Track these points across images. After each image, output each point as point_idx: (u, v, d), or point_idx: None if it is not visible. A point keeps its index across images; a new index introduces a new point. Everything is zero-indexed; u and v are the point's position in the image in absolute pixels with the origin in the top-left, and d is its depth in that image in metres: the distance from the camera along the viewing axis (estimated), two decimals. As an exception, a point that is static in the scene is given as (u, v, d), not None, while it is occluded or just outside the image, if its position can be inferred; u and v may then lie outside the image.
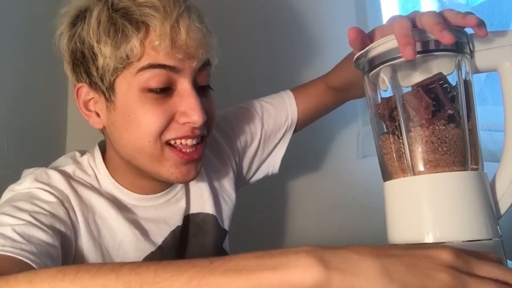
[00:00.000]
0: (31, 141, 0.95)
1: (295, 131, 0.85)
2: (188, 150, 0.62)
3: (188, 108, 0.60)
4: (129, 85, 0.59)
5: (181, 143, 0.61)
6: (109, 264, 0.37)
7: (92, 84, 0.62)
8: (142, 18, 0.58)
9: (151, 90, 0.59)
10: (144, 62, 0.58)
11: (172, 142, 0.61)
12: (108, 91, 0.61)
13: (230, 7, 1.10)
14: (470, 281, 0.35)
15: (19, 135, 0.90)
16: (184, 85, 0.60)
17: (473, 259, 0.37)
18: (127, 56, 0.58)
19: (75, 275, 0.35)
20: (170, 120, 0.60)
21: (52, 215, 0.57)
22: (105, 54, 0.58)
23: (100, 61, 0.59)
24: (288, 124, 0.84)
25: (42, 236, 0.53)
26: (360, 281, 0.33)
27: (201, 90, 0.63)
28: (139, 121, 0.59)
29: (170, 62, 0.58)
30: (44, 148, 1.02)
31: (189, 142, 0.62)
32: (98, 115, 0.64)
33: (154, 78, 0.58)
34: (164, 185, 0.70)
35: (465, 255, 0.37)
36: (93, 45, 0.59)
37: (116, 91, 0.60)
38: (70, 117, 1.10)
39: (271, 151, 0.85)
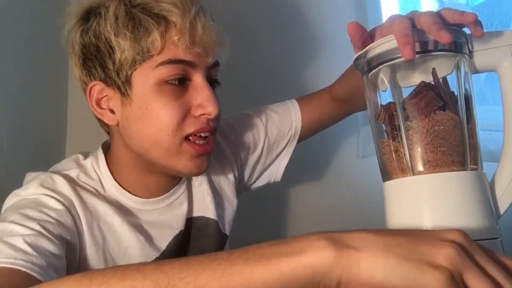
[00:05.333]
0: (31, 141, 0.95)
1: (298, 141, 0.85)
2: (201, 143, 0.63)
3: (203, 100, 0.62)
4: (146, 78, 0.60)
5: (195, 136, 0.63)
6: (132, 265, 0.37)
7: (108, 80, 0.62)
8: (163, 13, 0.59)
9: (168, 84, 0.61)
10: (164, 56, 0.60)
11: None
12: (124, 85, 0.61)
13: (230, 7, 1.10)
14: (471, 267, 0.34)
15: (19, 135, 0.91)
16: (199, 79, 0.62)
17: (480, 250, 0.36)
18: (147, 49, 0.59)
19: (102, 280, 0.36)
20: (186, 114, 0.62)
21: (60, 223, 0.57)
22: (124, 48, 0.59)
23: (118, 54, 0.60)
24: (292, 134, 0.84)
25: (50, 247, 0.53)
26: (364, 255, 0.34)
27: (211, 85, 0.64)
28: (157, 115, 0.60)
29: (188, 57, 0.60)
30: (44, 148, 1.02)
31: (202, 134, 0.63)
32: (112, 111, 0.64)
33: (173, 72, 0.60)
34: (169, 183, 0.70)
35: (475, 243, 0.36)
36: (111, 39, 0.60)
37: (132, 85, 0.61)
38: (70, 117, 1.11)
39: (274, 160, 0.85)
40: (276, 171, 0.86)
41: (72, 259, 0.59)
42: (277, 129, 0.83)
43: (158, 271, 0.35)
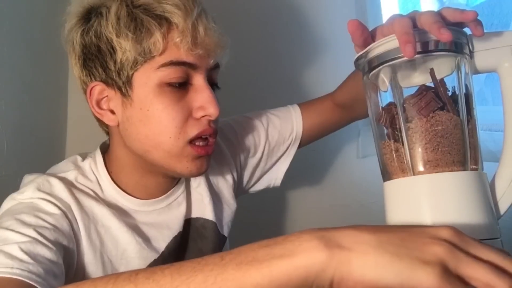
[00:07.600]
0: (31, 141, 0.95)
1: (299, 146, 0.85)
2: (201, 144, 0.63)
3: (205, 102, 0.62)
4: (148, 79, 0.60)
5: (197, 138, 0.63)
6: (124, 274, 0.37)
7: (108, 80, 0.62)
8: (165, 14, 0.59)
9: (169, 85, 0.60)
10: (166, 58, 0.60)
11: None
12: (125, 86, 0.61)
13: (229, 7, 1.10)
14: (464, 259, 0.34)
15: (19, 135, 0.90)
16: (200, 81, 0.62)
17: (472, 240, 0.36)
18: (149, 50, 0.59)
19: None
20: (187, 116, 0.62)
21: (56, 228, 0.56)
22: (125, 48, 0.59)
23: (119, 55, 0.60)
24: (292, 138, 0.83)
25: (47, 254, 0.52)
26: (356, 254, 0.34)
27: (211, 88, 0.64)
28: (159, 117, 0.60)
29: (190, 59, 0.60)
30: (44, 148, 1.02)
31: (203, 136, 0.63)
32: (112, 112, 0.64)
33: (175, 74, 0.60)
34: (168, 183, 0.70)
35: (466, 235, 0.36)
36: (112, 39, 0.60)
37: (133, 86, 0.61)
38: (70, 117, 1.10)
39: (274, 164, 0.85)
40: (275, 176, 0.86)
41: (70, 263, 0.58)
42: (278, 133, 0.82)
43: (150, 280, 0.35)
